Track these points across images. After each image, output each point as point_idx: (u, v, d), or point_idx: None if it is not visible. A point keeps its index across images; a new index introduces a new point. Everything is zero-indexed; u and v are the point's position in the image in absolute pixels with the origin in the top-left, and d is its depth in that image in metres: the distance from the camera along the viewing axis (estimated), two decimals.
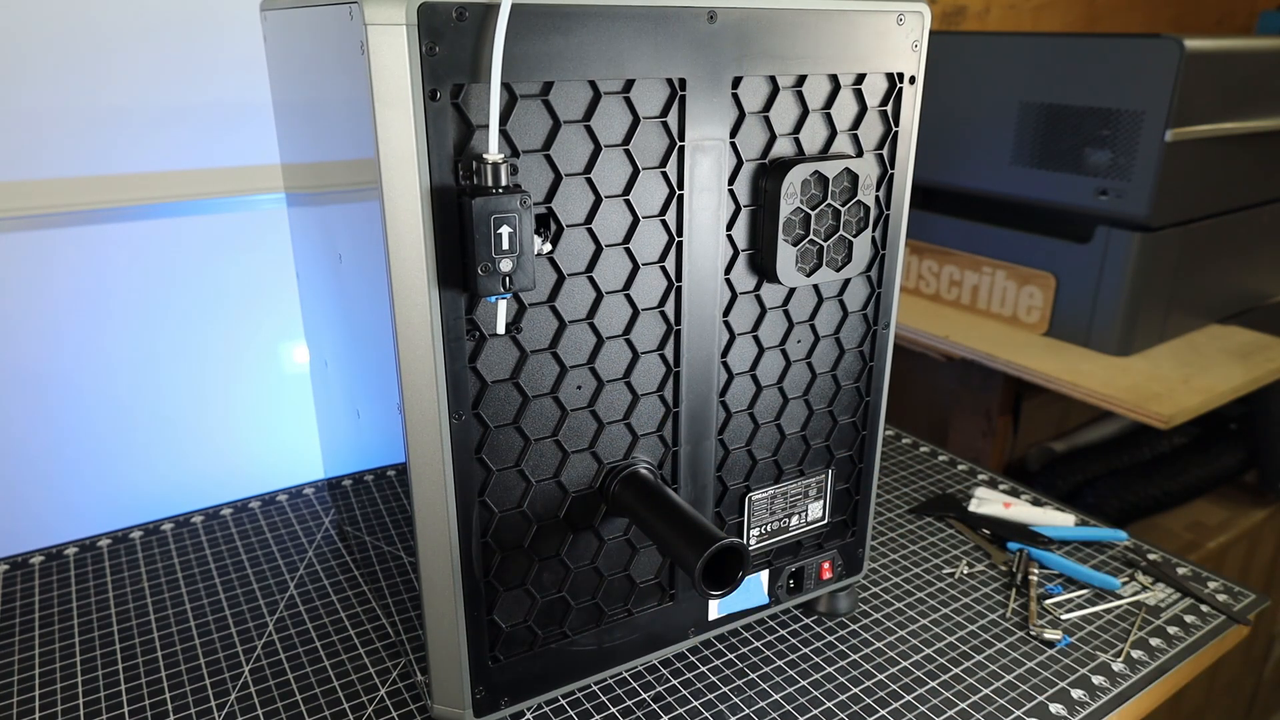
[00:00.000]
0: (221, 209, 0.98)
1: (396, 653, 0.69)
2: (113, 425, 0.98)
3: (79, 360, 0.94)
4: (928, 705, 0.64)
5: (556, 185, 0.50)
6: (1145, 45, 0.98)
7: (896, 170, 0.62)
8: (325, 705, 0.64)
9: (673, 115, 0.52)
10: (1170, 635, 0.72)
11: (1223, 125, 1.05)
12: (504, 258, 0.46)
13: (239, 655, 0.69)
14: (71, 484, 0.97)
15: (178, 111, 0.92)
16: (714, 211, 0.55)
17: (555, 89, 0.48)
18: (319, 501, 0.90)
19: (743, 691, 0.66)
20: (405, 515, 0.56)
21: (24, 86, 0.85)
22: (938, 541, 0.86)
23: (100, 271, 0.93)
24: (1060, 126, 1.09)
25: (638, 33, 0.49)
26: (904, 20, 0.58)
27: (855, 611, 0.75)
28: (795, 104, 0.57)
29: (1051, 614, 0.75)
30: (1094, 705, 0.65)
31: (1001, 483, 0.96)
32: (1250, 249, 1.25)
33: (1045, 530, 0.86)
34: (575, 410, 0.55)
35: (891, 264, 0.64)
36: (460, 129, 0.46)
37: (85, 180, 0.90)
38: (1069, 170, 1.09)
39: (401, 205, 0.46)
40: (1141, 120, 1.00)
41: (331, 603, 0.75)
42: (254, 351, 1.04)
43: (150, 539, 0.84)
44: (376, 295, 0.50)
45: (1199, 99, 1.00)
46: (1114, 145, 1.04)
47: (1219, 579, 0.80)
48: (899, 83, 0.60)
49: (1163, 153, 0.99)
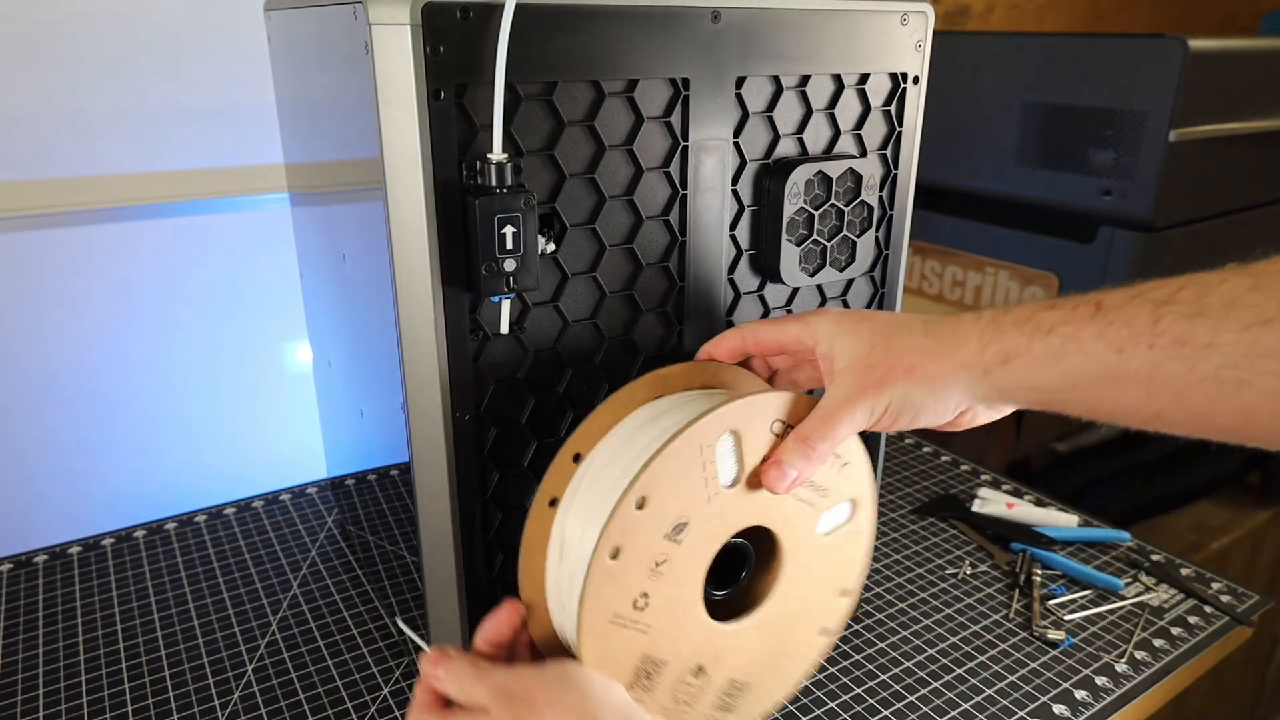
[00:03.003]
0: (225, 209, 0.98)
1: (399, 651, 0.69)
2: (115, 425, 0.98)
3: (80, 360, 0.94)
4: (930, 706, 0.64)
5: (560, 185, 0.50)
6: (1149, 45, 0.98)
7: (900, 170, 0.62)
8: (328, 704, 0.64)
9: (676, 115, 0.52)
10: (1173, 636, 0.72)
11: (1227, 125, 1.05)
12: (508, 257, 0.46)
13: (242, 654, 0.69)
14: (74, 483, 0.98)
15: (181, 111, 0.92)
16: (717, 211, 0.55)
17: (559, 89, 0.48)
18: (322, 501, 0.91)
19: None
20: (408, 515, 0.56)
21: (26, 87, 0.85)
22: (941, 542, 0.86)
23: (102, 271, 0.93)
24: (1063, 126, 1.09)
25: (641, 33, 0.49)
26: (907, 20, 0.58)
27: (858, 612, 0.75)
28: (799, 104, 0.56)
29: (1055, 614, 0.74)
30: (1097, 706, 0.64)
31: (1004, 483, 0.96)
32: (1254, 250, 1.25)
33: (1048, 531, 0.86)
34: (580, 410, 0.55)
35: (895, 264, 0.64)
36: (464, 129, 0.46)
37: (86, 180, 0.90)
38: (1072, 170, 1.09)
39: (405, 205, 0.46)
40: (1145, 120, 1.00)
41: (334, 601, 0.75)
42: (257, 351, 1.04)
43: (154, 538, 0.84)
44: (380, 295, 0.50)
45: (1203, 99, 0.99)
46: (1117, 145, 1.04)
47: (1222, 580, 0.80)
48: (902, 83, 0.60)
49: (1166, 153, 0.99)
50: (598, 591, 0.43)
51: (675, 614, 0.47)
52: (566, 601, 0.45)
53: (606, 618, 0.44)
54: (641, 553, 0.44)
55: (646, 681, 0.47)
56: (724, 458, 0.46)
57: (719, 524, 0.47)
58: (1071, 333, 0.38)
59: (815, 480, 0.48)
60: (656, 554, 0.45)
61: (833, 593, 0.53)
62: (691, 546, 0.46)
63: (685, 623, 0.47)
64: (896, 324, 0.45)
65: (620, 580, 0.44)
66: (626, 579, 0.44)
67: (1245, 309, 0.33)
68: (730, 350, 0.51)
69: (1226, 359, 0.33)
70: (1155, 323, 0.35)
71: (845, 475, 0.50)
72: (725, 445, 0.46)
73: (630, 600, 0.45)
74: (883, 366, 0.44)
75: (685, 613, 0.47)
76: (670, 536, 0.45)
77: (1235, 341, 0.33)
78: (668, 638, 0.47)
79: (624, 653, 0.45)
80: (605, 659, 0.45)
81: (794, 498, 0.48)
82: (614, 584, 0.44)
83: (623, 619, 0.45)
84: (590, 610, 0.43)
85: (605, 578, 0.43)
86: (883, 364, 0.44)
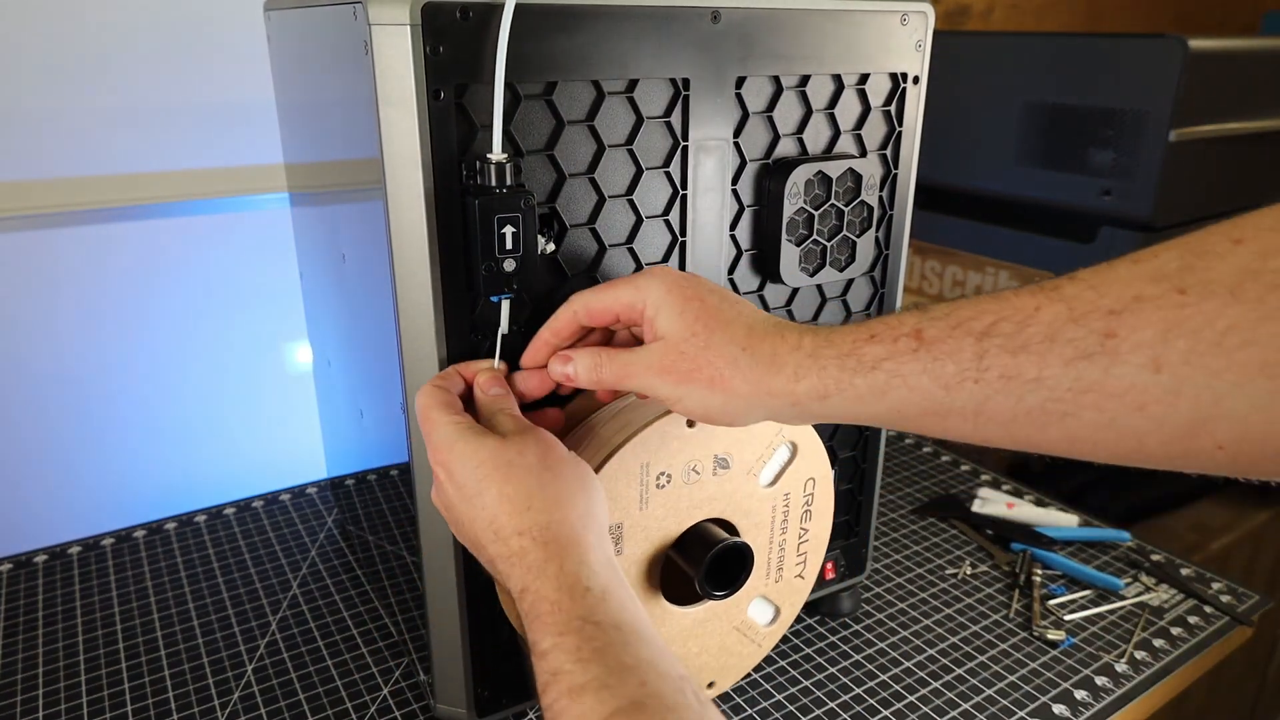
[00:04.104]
0: (224, 209, 0.98)
1: (399, 651, 0.69)
2: (115, 425, 0.98)
3: (81, 360, 0.94)
4: (930, 706, 0.64)
5: (560, 185, 0.50)
6: (1149, 45, 0.98)
7: (900, 170, 0.62)
8: (328, 704, 0.64)
9: (676, 115, 0.52)
10: (1174, 636, 0.72)
11: (1227, 125, 1.05)
12: (507, 258, 0.46)
13: (242, 654, 0.69)
14: (75, 483, 0.98)
15: (181, 111, 0.92)
16: (717, 212, 0.55)
17: (559, 89, 0.48)
18: (322, 501, 0.91)
19: (745, 692, 0.66)
20: (408, 514, 0.56)
21: (28, 87, 0.85)
22: (941, 542, 0.86)
23: (102, 271, 0.93)
24: (1063, 126, 1.09)
25: (641, 33, 0.49)
26: (907, 20, 0.58)
27: (858, 612, 0.75)
28: (799, 104, 0.56)
29: (1055, 615, 0.74)
30: (1097, 706, 0.64)
31: (1004, 483, 0.96)
32: None
33: (1048, 531, 0.86)
34: None
35: (895, 264, 0.64)
36: (464, 129, 0.46)
37: (88, 180, 0.90)
38: (1072, 170, 1.09)
39: (405, 205, 0.46)
40: (1145, 120, 1.00)
41: (334, 602, 0.75)
42: (257, 351, 1.04)
43: (154, 538, 0.84)
44: (380, 295, 0.50)
45: (1203, 99, 0.99)
46: (1117, 145, 1.04)
47: (1222, 580, 0.80)
48: (902, 83, 0.60)
49: (1166, 153, 0.99)
50: None
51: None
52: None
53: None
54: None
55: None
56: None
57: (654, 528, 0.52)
58: (895, 368, 0.38)
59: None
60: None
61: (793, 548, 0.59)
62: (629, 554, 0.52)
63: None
64: (723, 319, 0.43)
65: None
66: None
67: (1066, 343, 0.33)
68: (567, 332, 0.48)
69: (1052, 393, 0.33)
70: (980, 358, 0.35)
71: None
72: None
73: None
74: (692, 362, 0.43)
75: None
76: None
77: (1060, 376, 0.33)
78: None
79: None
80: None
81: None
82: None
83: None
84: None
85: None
86: (693, 359, 0.43)
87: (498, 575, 0.43)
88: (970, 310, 0.37)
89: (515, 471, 0.42)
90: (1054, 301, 0.34)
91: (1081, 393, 0.33)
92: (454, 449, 0.43)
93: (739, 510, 0.55)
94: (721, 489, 0.54)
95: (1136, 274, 0.32)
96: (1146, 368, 0.31)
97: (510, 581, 0.41)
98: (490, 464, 0.42)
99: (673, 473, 0.52)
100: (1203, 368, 0.30)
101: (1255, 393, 0.29)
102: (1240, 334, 0.29)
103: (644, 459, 0.50)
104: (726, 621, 0.58)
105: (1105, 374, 0.32)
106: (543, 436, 0.45)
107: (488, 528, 0.42)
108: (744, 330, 0.43)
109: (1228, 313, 0.29)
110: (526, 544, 0.40)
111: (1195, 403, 0.30)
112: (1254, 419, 0.29)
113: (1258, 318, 0.29)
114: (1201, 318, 0.30)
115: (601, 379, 0.46)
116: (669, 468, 0.51)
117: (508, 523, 0.41)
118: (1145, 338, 0.31)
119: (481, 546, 0.43)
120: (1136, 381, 0.31)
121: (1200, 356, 0.30)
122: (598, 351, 0.47)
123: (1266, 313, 0.29)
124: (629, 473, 0.50)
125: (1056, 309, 0.34)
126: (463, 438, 0.43)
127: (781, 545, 0.58)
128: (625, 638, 0.37)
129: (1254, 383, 0.29)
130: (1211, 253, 0.31)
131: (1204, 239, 0.32)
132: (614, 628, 0.37)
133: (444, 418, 0.45)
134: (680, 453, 0.51)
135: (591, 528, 0.42)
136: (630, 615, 0.38)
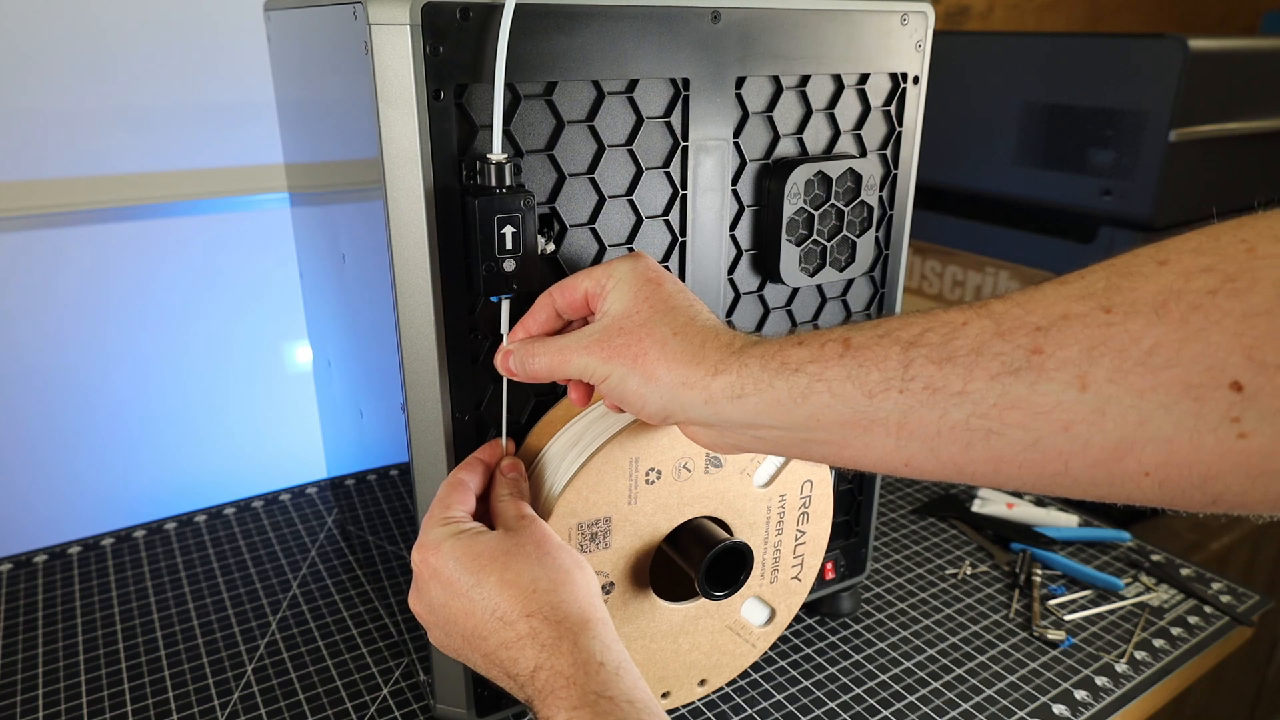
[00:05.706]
0: (224, 209, 0.98)
1: (399, 651, 0.69)
2: (116, 425, 0.98)
3: (82, 360, 0.94)
4: (930, 706, 0.64)
5: (560, 185, 0.50)
6: (1149, 45, 0.98)
7: (900, 170, 0.62)
8: (328, 704, 0.64)
9: (676, 115, 0.52)
10: (1174, 636, 0.72)
11: (1227, 125, 1.05)
12: (507, 258, 0.46)
13: (242, 654, 0.69)
14: (75, 483, 0.98)
15: (181, 111, 0.92)
16: (717, 212, 0.55)
17: (559, 89, 0.48)
18: (322, 501, 0.91)
19: (745, 692, 0.66)
20: (408, 514, 0.56)
21: (28, 87, 0.85)
22: (941, 542, 0.86)
23: (103, 271, 0.93)
24: (1064, 126, 1.09)
25: (641, 33, 0.49)
26: (907, 20, 0.58)
27: (858, 612, 0.75)
28: (799, 104, 0.56)
29: (1055, 615, 0.74)
30: (1097, 706, 0.64)
31: None
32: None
33: (1048, 531, 0.86)
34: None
35: (895, 264, 0.64)
36: (464, 129, 0.46)
37: (89, 180, 0.90)
38: (1072, 170, 1.09)
39: (405, 205, 0.46)
40: (1145, 120, 1.00)
41: (334, 602, 0.75)
42: (257, 351, 1.04)
43: (154, 538, 0.84)
44: (380, 295, 0.50)
45: (1203, 99, 0.99)
46: (1117, 145, 1.04)
47: (1222, 580, 0.80)
48: (902, 83, 0.60)
49: (1166, 153, 0.99)
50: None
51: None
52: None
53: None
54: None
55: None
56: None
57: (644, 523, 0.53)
58: (819, 371, 0.37)
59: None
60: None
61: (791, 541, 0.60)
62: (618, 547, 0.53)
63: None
64: (671, 304, 0.43)
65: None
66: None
67: (992, 357, 0.32)
68: (547, 322, 0.48)
69: (977, 408, 0.33)
70: (906, 367, 0.35)
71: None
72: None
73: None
74: (624, 339, 0.42)
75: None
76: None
77: (985, 390, 0.32)
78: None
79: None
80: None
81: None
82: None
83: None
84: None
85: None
86: (627, 336, 0.42)
87: (499, 665, 0.42)
88: (899, 322, 0.36)
89: (514, 559, 0.43)
90: (982, 317, 0.33)
91: (1007, 409, 0.32)
92: (441, 548, 0.44)
93: (732, 510, 0.55)
94: (714, 488, 0.54)
95: (1064, 294, 0.32)
96: (1072, 385, 0.30)
97: (519, 665, 0.41)
98: (488, 555, 0.43)
99: (663, 469, 0.52)
100: (1128, 386, 0.29)
101: (1180, 414, 0.29)
102: (1164, 354, 0.29)
103: (633, 453, 0.50)
104: (719, 620, 0.58)
105: (1031, 390, 0.31)
106: (538, 526, 0.46)
107: (490, 616, 0.42)
108: (685, 319, 0.42)
109: (1152, 332, 0.29)
110: (537, 624, 0.41)
111: (1121, 422, 0.30)
112: (1179, 441, 0.29)
113: (1181, 338, 0.28)
114: (1127, 336, 0.29)
115: (535, 370, 0.46)
116: (659, 464, 0.51)
117: (513, 607, 0.41)
118: (1071, 355, 0.31)
119: (482, 638, 0.42)
120: (1063, 399, 0.31)
121: (1125, 375, 0.29)
122: (533, 340, 0.47)
123: (1190, 333, 0.28)
124: (617, 466, 0.50)
125: (984, 324, 0.33)
126: (451, 536, 0.44)
127: (777, 547, 0.58)
128: (639, 714, 0.37)
129: (1179, 404, 0.28)
130: (1137, 274, 0.30)
131: (1130, 261, 0.31)
132: (628, 703, 0.37)
133: (438, 515, 0.46)
134: (671, 449, 0.51)
135: (596, 605, 0.43)
136: (642, 694, 0.39)
